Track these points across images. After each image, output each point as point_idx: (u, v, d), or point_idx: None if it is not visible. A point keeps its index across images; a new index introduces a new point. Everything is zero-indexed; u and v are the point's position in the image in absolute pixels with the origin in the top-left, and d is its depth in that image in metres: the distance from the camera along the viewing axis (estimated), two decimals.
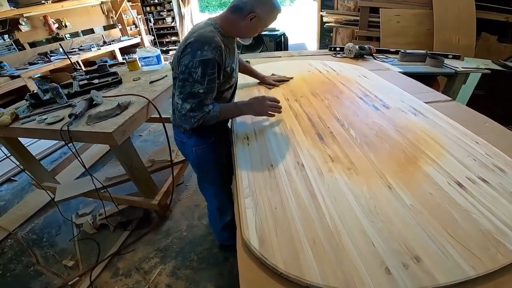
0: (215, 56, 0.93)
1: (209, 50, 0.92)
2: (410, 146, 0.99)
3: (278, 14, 1.06)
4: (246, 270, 0.64)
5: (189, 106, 0.96)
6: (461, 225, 0.68)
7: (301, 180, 0.86)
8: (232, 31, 1.05)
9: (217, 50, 0.94)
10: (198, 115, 0.97)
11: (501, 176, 0.83)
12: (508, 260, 0.60)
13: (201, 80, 0.93)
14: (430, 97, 1.40)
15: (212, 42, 0.94)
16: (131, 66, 2.35)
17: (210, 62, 0.93)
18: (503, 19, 3.27)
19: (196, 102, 0.96)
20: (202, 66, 0.92)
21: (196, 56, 0.92)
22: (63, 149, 3.10)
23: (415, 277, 0.57)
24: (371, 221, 0.70)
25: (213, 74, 0.95)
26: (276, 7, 1.02)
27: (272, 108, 1.12)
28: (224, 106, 1.07)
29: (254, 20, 1.00)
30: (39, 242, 1.96)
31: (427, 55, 2.17)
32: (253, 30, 1.06)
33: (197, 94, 0.95)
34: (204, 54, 0.92)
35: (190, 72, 0.93)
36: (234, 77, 1.14)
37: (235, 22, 1.02)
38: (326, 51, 2.52)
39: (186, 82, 0.94)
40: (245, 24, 1.01)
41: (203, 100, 0.96)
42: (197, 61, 0.92)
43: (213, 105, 1.02)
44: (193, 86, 0.94)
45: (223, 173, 1.36)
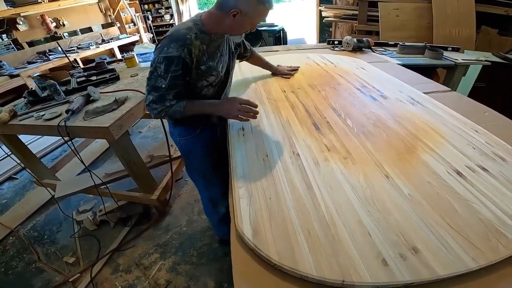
0: (181, 54, 0.94)
1: (175, 47, 0.94)
2: (408, 136, 0.97)
3: (268, 10, 0.99)
4: (239, 262, 0.63)
5: (152, 98, 1.00)
6: (460, 215, 0.66)
7: (296, 170, 0.85)
8: (217, 27, 1.01)
9: (184, 48, 0.94)
10: (158, 107, 1.00)
11: (501, 165, 0.81)
12: (510, 251, 0.58)
13: (164, 76, 0.96)
14: (429, 87, 1.38)
15: (180, 40, 0.95)
16: (129, 63, 2.33)
17: (173, 59, 0.94)
18: (502, 13, 3.24)
19: (157, 95, 0.99)
20: (165, 62, 0.94)
21: (162, 52, 0.95)
22: (64, 147, 3.11)
23: (413, 269, 0.56)
24: (367, 211, 0.69)
25: (177, 72, 0.96)
26: (262, 2, 0.95)
27: (243, 112, 1.02)
28: (191, 103, 1.05)
29: (238, 16, 0.95)
30: (41, 239, 1.97)
31: (426, 48, 2.14)
32: (239, 27, 1.01)
33: (159, 88, 0.98)
34: (169, 51, 0.94)
35: (156, 67, 0.96)
36: (214, 76, 1.09)
37: (220, 18, 0.98)
38: (324, 44, 2.49)
39: (152, 75, 0.98)
40: (229, 21, 0.96)
41: (164, 95, 0.99)
42: (162, 57, 0.95)
43: (177, 100, 1.02)
44: (157, 80, 0.97)
45: (212, 166, 1.33)
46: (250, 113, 1.02)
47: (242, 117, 1.02)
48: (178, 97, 1.02)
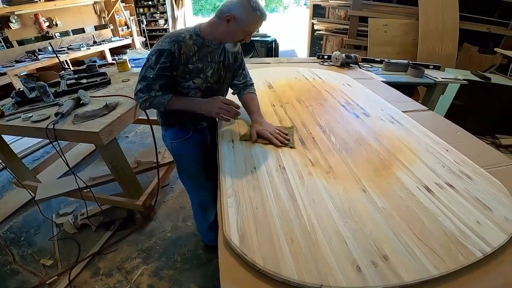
0: (172, 48, 1.01)
1: (168, 42, 1.02)
2: (386, 153, 1.05)
3: (261, 20, 1.03)
4: (226, 266, 0.67)
5: (140, 87, 1.07)
6: (427, 227, 0.73)
7: (282, 183, 0.90)
8: (212, 34, 1.08)
9: (176, 43, 1.02)
10: (144, 96, 1.07)
11: (467, 182, 0.89)
12: (468, 261, 0.65)
13: (154, 66, 1.03)
14: (408, 106, 1.48)
15: (173, 36, 1.04)
16: (121, 67, 2.35)
17: (164, 52, 1.01)
18: (485, 30, 3.43)
19: (145, 84, 1.06)
20: (157, 54, 1.02)
21: (156, 46, 1.04)
22: (46, 148, 3.05)
23: (383, 275, 0.61)
24: (345, 222, 0.75)
25: (165, 63, 1.02)
26: (255, 9, 1.00)
27: (223, 111, 1.06)
28: (176, 97, 1.10)
29: (231, 22, 1.01)
30: (17, 241, 1.93)
31: (409, 65, 2.27)
32: (232, 34, 1.06)
33: (147, 78, 1.05)
34: (162, 45, 1.02)
35: (148, 58, 1.05)
36: (202, 79, 1.12)
37: (216, 24, 1.05)
38: (314, 58, 2.60)
39: (144, 66, 1.07)
40: (223, 27, 1.03)
41: (151, 84, 1.05)
42: (155, 50, 1.03)
43: (162, 92, 1.08)
44: (147, 70, 1.05)
45: (203, 169, 1.36)
46: (231, 113, 1.07)
47: (223, 115, 1.06)
48: (164, 88, 1.07)
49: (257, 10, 1.00)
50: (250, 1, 0.99)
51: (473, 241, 0.69)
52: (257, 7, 1.00)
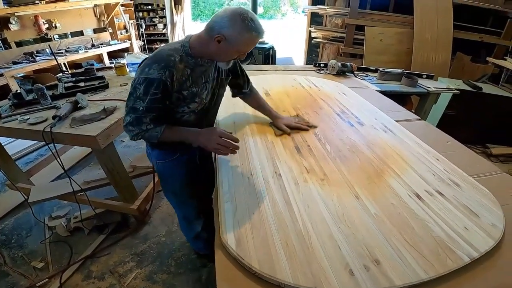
0: (162, 76, 0.89)
1: (156, 69, 0.90)
2: (378, 161, 1.08)
3: (257, 39, 0.92)
4: (223, 269, 0.69)
5: (129, 119, 0.96)
6: (417, 232, 0.76)
7: (277, 189, 0.92)
8: (203, 52, 0.97)
9: (166, 71, 0.90)
10: (135, 130, 0.97)
11: (455, 190, 0.93)
12: (456, 265, 0.67)
13: (143, 98, 0.92)
14: (401, 115, 1.52)
15: (162, 61, 0.91)
16: (119, 71, 2.36)
17: (154, 81, 0.89)
18: (477, 39, 3.50)
19: (134, 117, 0.95)
20: (145, 84, 0.90)
21: (142, 73, 0.91)
22: (40, 151, 3.02)
23: (375, 279, 0.64)
24: (338, 227, 0.77)
25: (156, 95, 0.91)
26: (249, 29, 0.88)
27: (222, 147, 0.96)
28: (169, 129, 1.00)
29: (222, 43, 0.90)
30: (8, 243, 1.91)
31: (403, 75, 2.32)
32: (225, 55, 0.96)
33: (137, 110, 0.94)
34: (150, 73, 0.90)
35: (135, 87, 0.93)
36: (197, 103, 1.03)
37: (206, 42, 0.93)
38: (311, 66, 2.64)
39: (131, 96, 0.94)
40: (214, 47, 0.92)
41: (141, 118, 0.94)
42: (142, 78, 0.91)
43: (154, 124, 0.97)
44: (135, 101, 0.93)
45: (188, 189, 1.30)
46: (230, 148, 0.96)
47: (220, 150, 0.97)
48: (156, 121, 0.97)
49: (253, 30, 0.88)
50: (244, 19, 0.87)
51: (461, 247, 0.72)
52: (252, 27, 0.88)
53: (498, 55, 3.48)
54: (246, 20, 0.87)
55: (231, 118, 1.45)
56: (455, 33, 3.49)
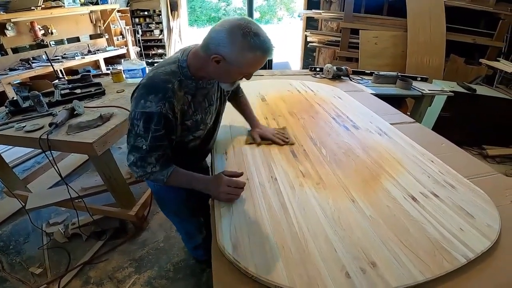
0: (161, 109, 0.77)
1: (154, 101, 0.77)
2: (373, 164, 1.09)
3: (264, 59, 0.78)
4: (220, 273, 0.69)
5: (132, 159, 0.86)
6: (412, 234, 0.76)
7: (273, 193, 0.93)
8: (203, 72, 0.84)
9: (165, 102, 0.78)
10: (139, 172, 0.87)
11: (450, 191, 0.93)
12: (452, 266, 0.68)
13: (144, 135, 0.80)
14: (396, 118, 1.54)
15: (159, 91, 0.78)
16: (115, 78, 2.36)
17: (153, 116, 0.77)
18: (471, 41, 3.54)
19: (138, 157, 0.84)
20: (144, 119, 0.78)
21: (138, 106, 0.78)
22: (37, 158, 3.02)
23: (371, 281, 0.64)
24: (334, 230, 0.78)
25: (158, 131, 0.80)
26: (252, 48, 0.73)
27: (229, 195, 0.88)
28: (176, 174, 0.91)
29: (222, 64, 0.76)
30: (6, 250, 1.91)
31: (398, 77, 2.34)
32: (226, 76, 0.84)
33: (139, 149, 0.83)
34: (147, 106, 0.77)
35: (133, 124, 0.80)
36: (202, 130, 0.96)
37: (203, 61, 0.80)
38: (306, 71, 2.66)
39: (130, 133, 0.83)
40: (212, 67, 0.79)
41: (145, 157, 0.84)
42: (138, 113, 0.78)
43: (160, 166, 0.87)
44: (136, 139, 0.82)
45: (188, 209, 1.25)
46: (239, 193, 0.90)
47: (232, 199, 0.89)
48: (162, 160, 0.87)
49: (257, 48, 0.74)
50: (245, 35, 0.72)
51: (457, 248, 0.72)
52: (255, 44, 0.73)
53: (491, 56, 3.52)
54: (248, 35, 0.72)
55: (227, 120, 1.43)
56: (448, 35, 3.53)
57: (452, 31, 3.56)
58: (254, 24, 0.75)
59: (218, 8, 16.77)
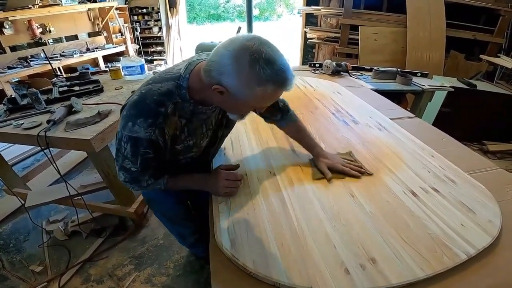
0: (150, 135, 0.71)
1: (143, 126, 0.70)
2: (373, 159, 1.08)
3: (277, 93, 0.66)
4: (218, 270, 0.68)
5: (124, 177, 0.83)
6: (413, 230, 0.75)
7: (272, 188, 0.92)
8: (205, 98, 0.74)
9: (154, 128, 0.71)
10: (135, 187, 0.87)
11: (451, 186, 0.92)
12: (453, 262, 0.67)
13: (132, 159, 0.76)
14: (396, 113, 1.53)
15: (149, 116, 0.70)
16: (114, 75, 2.35)
17: (141, 142, 0.72)
18: (470, 37, 3.51)
19: (130, 177, 0.82)
20: (131, 143, 0.73)
21: (125, 128, 0.72)
22: (36, 156, 3.01)
23: (371, 277, 0.63)
24: (334, 225, 0.77)
25: (148, 154, 0.75)
26: (262, 80, 0.60)
27: (229, 188, 0.87)
28: (173, 179, 0.89)
29: (226, 96, 0.65)
30: (6, 248, 1.90)
31: (398, 73, 2.33)
32: (233, 109, 0.75)
33: (129, 171, 0.80)
34: (135, 130, 0.70)
35: (120, 144, 0.75)
36: (194, 152, 0.90)
37: (206, 87, 0.68)
38: (306, 67, 2.65)
39: (118, 153, 0.78)
40: (216, 97, 0.68)
41: (138, 177, 0.82)
42: (126, 136, 0.72)
43: (155, 179, 0.85)
44: (124, 161, 0.77)
45: (181, 213, 1.20)
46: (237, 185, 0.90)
47: (231, 193, 0.88)
48: (156, 175, 0.85)
49: (268, 80, 0.60)
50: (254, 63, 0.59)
51: (458, 243, 0.71)
52: (267, 76, 0.59)
53: (491, 52, 3.50)
54: (256, 63, 0.58)
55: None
56: (448, 31, 3.51)
57: (452, 27, 3.54)
58: (267, 45, 0.61)
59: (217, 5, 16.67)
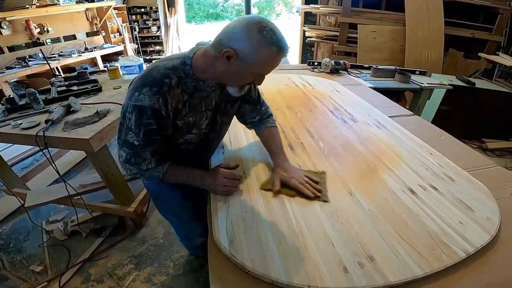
0: (154, 104, 0.74)
1: (148, 94, 0.74)
2: (372, 157, 1.08)
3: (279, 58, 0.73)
4: (216, 268, 0.69)
5: (125, 155, 0.82)
6: (411, 228, 0.75)
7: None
8: (208, 72, 0.79)
9: (159, 97, 0.74)
10: (133, 169, 0.84)
11: (449, 184, 0.92)
12: (451, 260, 0.67)
13: (136, 131, 0.77)
14: (394, 111, 1.53)
15: (154, 85, 0.75)
16: (112, 74, 2.35)
17: (146, 110, 0.74)
18: (469, 35, 3.52)
19: (132, 153, 0.81)
20: (136, 112, 0.75)
21: (132, 99, 0.75)
22: (36, 156, 3.01)
23: (369, 276, 0.63)
24: (332, 224, 0.77)
25: (150, 125, 0.76)
26: (268, 42, 0.69)
27: (227, 187, 0.87)
28: (172, 170, 0.88)
29: (233, 60, 0.71)
30: (6, 248, 1.91)
31: (396, 71, 2.33)
32: (236, 77, 0.77)
33: (132, 145, 0.79)
34: (140, 99, 0.74)
35: (125, 116, 0.77)
36: (195, 134, 0.89)
37: (213, 60, 0.75)
38: (305, 65, 2.64)
39: (122, 126, 0.80)
40: (223, 65, 0.74)
41: (139, 153, 0.81)
42: (131, 106, 0.75)
43: (155, 162, 0.84)
44: (127, 134, 0.78)
45: (188, 209, 1.18)
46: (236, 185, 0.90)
47: (229, 191, 0.88)
48: (157, 156, 0.84)
49: (273, 43, 0.70)
50: (261, 29, 0.68)
51: (456, 241, 0.71)
52: (272, 39, 0.69)
53: (490, 50, 3.50)
54: (264, 30, 0.69)
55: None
56: (446, 29, 3.50)
57: (450, 25, 3.54)
58: (271, 22, 0.72)
59: (216, 4, 16.61)
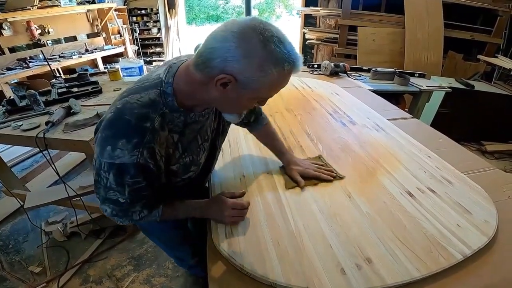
0: (138, 159, 0.57)
1: (126, 148, 0.56)
2: (370, 160, 1.08)
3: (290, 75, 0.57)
4: (215, 270, 0.69)
5: (110, 210, 0.67)
6: (409, 230, 0.76)
7: (269, 189, 0.93)
8: (198, 99, 0.62)
9: (141, 151, 0.57)
10: (124, 221, 0.71)
11: (447, 187, 0.93)
12: (449, 263, 0.67)
13: (119, 189, 0.62)
14: (393, 114, 1.53)
15: (133, 135, 0.56)
16: (112, 76, 2.35)
17: (127, 168, 0.57)
18: (468, 37, 3.52)
19: (118, 209, 0.67)
20: (114, 173, 0.58)
21: (103, 154, 0.57)
22: (35, 157, 3.01)
23: (367, 278, 0.64)
24: (330, 226, 0.77)
25: (138, 183, 0.61)
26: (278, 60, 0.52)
27: (235, 218, 0.78)
28: (171, 208, 0.76)
29: (230, 86, 0.54)
30: (5, 249, 1.91)
31: (396, 74, 2.33)
32: (233, 104, 0.62)
33: (117, 202, 0.65)
34: (116, 155, 0.56)
35: (99, 174, 0.60)
36: (193, 171, 0.76)
37: (201, 85, 0.57)
38: (304, 67, 2.65)
39: (98, 184, 0.63)
40: (216, 92, 0.56)
41: (127, 210, 0.67)
42: (106, 164, 0.57)
43: (150, 209, 0.71)
44: (108, 192, 0.63)
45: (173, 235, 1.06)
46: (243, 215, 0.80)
47: (236, 222, 0.79)
48: (149, 205, 0.71)
49: (284, 60, 0.52)
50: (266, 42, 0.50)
51: (454, 244, 0.72)
52: (282, 54, 0.52)
53: (489, 53, 3.50)
54: (269, 42, 0.51)
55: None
56: (446, 32, 3.51)
57: (450, 27, 3.55)
58: (272, 25, 0.54)
59: (216, 6, 16.66)
